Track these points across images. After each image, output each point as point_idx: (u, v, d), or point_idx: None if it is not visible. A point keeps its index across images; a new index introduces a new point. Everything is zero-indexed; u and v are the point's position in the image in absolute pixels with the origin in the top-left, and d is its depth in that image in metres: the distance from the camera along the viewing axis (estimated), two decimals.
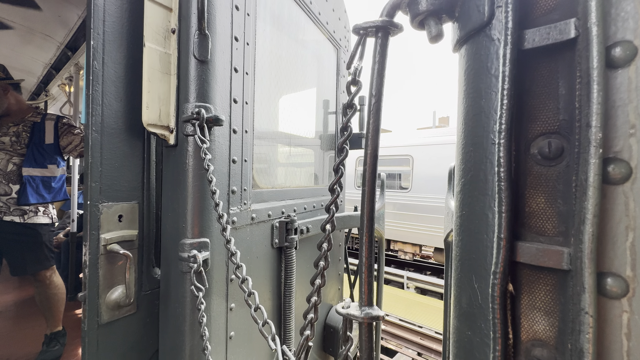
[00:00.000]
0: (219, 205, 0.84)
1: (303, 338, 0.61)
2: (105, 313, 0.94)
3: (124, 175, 0.99)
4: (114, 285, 0.97)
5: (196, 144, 0.97)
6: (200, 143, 0.90)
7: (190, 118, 0.95)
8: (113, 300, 0.95)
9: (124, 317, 1.00)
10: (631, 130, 0.37)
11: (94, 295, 0.92)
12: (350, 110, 0.57)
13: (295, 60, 1.64)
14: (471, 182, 0.48)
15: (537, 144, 0.44)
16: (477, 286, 0.47)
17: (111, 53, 0.95)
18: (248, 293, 0.75)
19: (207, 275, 1.00)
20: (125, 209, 1.00)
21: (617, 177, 0.38)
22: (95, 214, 0.92)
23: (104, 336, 0.94)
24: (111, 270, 0.96)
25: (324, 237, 0.59)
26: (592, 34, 0.37)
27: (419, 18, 0.51)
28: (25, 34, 3.18)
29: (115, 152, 0.97)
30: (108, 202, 0.95)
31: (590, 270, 0.37)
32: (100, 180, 0.93)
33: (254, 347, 1.26)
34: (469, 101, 0.49)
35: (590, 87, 0.38)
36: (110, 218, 0.95)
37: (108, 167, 0.95)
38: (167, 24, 1.00)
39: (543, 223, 0.44)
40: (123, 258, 0.97)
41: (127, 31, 0.99)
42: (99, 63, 0.92)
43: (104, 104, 0.93)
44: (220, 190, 1.04)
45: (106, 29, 0.94)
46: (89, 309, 0.91)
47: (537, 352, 0.44)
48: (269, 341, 0.67)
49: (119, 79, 0.98)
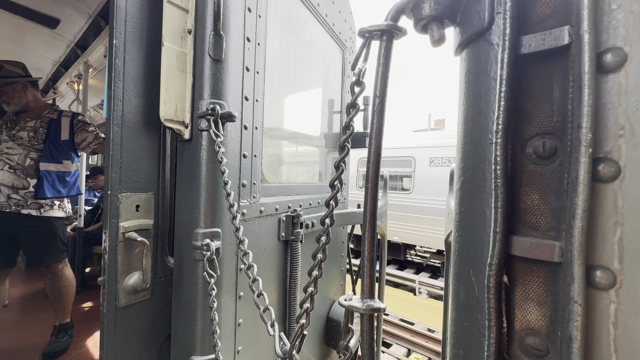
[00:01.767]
0: (231, 195, 0.89)
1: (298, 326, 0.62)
2: (122, 297, 1.00)
3: (141, 168, 1.05)
4: (131, 271, 1.02)
5: (210, 139, 1.02)
6: (214, 137, 0.96)
7: (205, 114, 1.00)
8: (130, 285, 1.01)
9: (140, 302, 1.05)
10: (620, 131, 0.40)
11: (112, 280, 0.98)
12: (353, 109, 0.58)
13: (303, 60, 1.70)
14: (470, 179, 0.50)
15: (533, 144, 0.46)
16: (474, 279, 0.50)
17: (132, 52, 1.01)
18: (252, 279, 0.79)
19: (219, 264, 1.05)
20: (142, 200, 1.05)
21: (607, 176, 0.40)
22: (115, 203, 0.98)
23: (121, 319, 1.00)
24: (129, 257, 1.02)
25: (323, 230, 0.60)
26: (584, 41, 0.40)
27: (422, 22, 0.53)
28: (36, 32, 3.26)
29: (134, 146, 1.02)
30: (127, 193, 1.01)
31: (580, 262, 0.40)
32: (120, 172, 0.99)
33: (261, 336, 1.31)
34: (469, 103, 0.51)
35: (581, 91, 0.40)
36: (128, 207, 1.01)
37: (127, 160, 1.01)
38: (184, 25, 1.05)
39: (537, 218, 0.46)
40: (140, 245, 1.02)
41: (147, 31, 1.05)
42: (121, 61, 0.98)
43: (124, 99, 0.99)
44: (231, 183, 1.09)
45: (127, 29, 1.00)
46: (108, 292, 0.96)
47: (529, 341, 0.46)
48: (268, 327, 0.70)
49: (139, 76, 1.03)
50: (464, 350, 0.52)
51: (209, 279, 0.93)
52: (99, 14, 2.98)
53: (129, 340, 1.03)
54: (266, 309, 0.74)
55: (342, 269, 2.21)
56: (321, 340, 1.92)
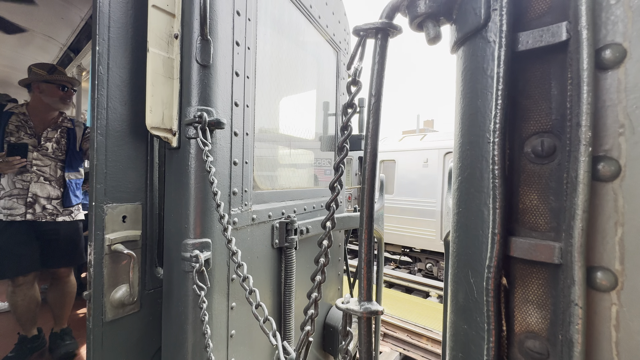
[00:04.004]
0: (221, 206, 0.87)
1: (304, 333, 0.62)
2: (109, 311, 0.97)
3: (128, 177, 1.02)
4: (118, 284, 0.99)
5: (198, 147, 0.99)
6: (202, 146, 0.93)
7: (192, 121, 0.97)
8: (117, 299, 0.98)
9: (128, 315, 1.02)
10: (620, 129, 0.39)
11: (98, 294, 0.95)
12: (351, 109, 0.58)
13: (296, 63, 1.67)
14: (468, 179, 0.50)
15: (531, 143, 0.45)
16: (473, 281, 0.49)
17: (116, 58, 0.98)
18: (249, 291, 0.77)
19: (209, 274, 1.02)
20: (129, 210, 1.02)
21: (606, 175, 0.39)
22: (100, 214, 0.95)
23: (109, 333, 0.97)
24: (115, 270, 0.99)
25: (325, 234, 0.60)
26: (582, 37, 0.39)
27: (417, 20, 0.52)
28: (27, 34, 3.21)
29: (120, 155, 0.99)
30: (112, 203, 0.98)
31: (580, 264, 0.39)
32: (105, 182, 0.96)
33: (254, 346, 1.28)
34: (466, 101, 0.50)
35: (580, 88, 0.39)
36: (114, 219, 0.98)
37: (113, 169, 0.98)
38: (170, 30, 1.02)
39: (536, 219, 0.45)
40: (127, 258, 0.99)
41: (132, 37, 1.02)
42: (104, 68, 0.95)
43: (108, 107, 0.96)
44: (221, 191, 1.07)
45: (111, 34, 0.97)
46: (94, 307, 0.93)
47: (529, 344, 0.46)
48: (270, 337, 0.69)
49: (124, 83, 1.00)
50: (463, 353, 0.51)
51: (199, 292, 0.90)
52: (91, 17, 2.94)
53: (117, 356, 1.00)
54: (266, 320, 0.72)
55: (339, 273, 2.18)
56: (318, 346, 1.90)
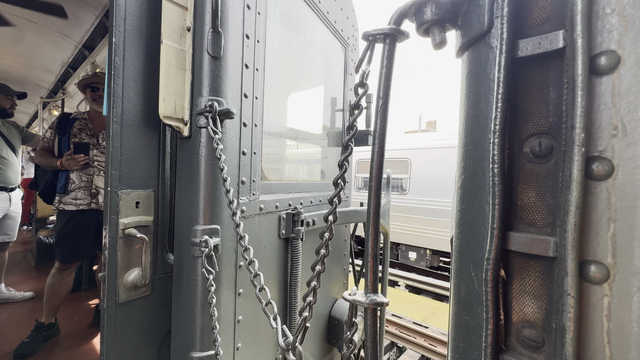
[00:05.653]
0: (230, 191, 0.89)
1: (301, 318, 0.64)
2: (122, 293, 1.01)
3: (141, 165, 1.06)
4: (131, 267, 1.03)
5: (208, 136, 1.02)
6: (212, 134, 0.96)
7: (203, 111, 1.00)
8: (130, 281, 1.02)
9: (140, 298, 1.06)
10: (614, 131, 0.41)
11: (112, 276, 0.99)
12: (357, 110, 0.60)
13: (304, 58, 1.69)
14: (470, 178, 0.52)
15: (530, 143, 0.48)
16: (474, 275, 0.51)
17: (131, 50, 1.02)
18: (254, 274, 0.79)
19: (217, 260, 1.05)
20: (142, 196, 1.06)
21: (600, 174, 0.42)
22: (115, 199, 0.99)
23: (121, 314, 1.01)
24: (129, 253, 1.03)
25: (326, 227, 0.62)
26: (577, 45, 0.41)
27: (424, 26, 0.55)
28: (43, 33, 3.31)
29: (134, 143, 1.03)
30: (126, 189, 1.02)
31: (573, 257, 0.41)
32: (119, 169, 1.00)
33: (260, 333, 1.31)
34: (469, 104, 0.53)
35: (575, 93, 0.42)
36: (128, 204, 1.02)
37: (127, 157, 1.02)
38: (183, 22, 1.06)
39: (533, 215, 0.48)
40: (140, 242, 1.03)
41: (146, 29, 1.06)
42: (120, 59, 0.99)
43: (124, 97, 1.00)
44: (230, 180, 1.10)
45: (127, 27, 1.00)
46: (108, 288, 0.97)
47: (526, 333, 0.48)
48: (271, 320, 0.71)
49: (138, 74, 1.04)
50: (464, 342, 0.53)
51: (208, 275, 0.94)
52: (105, 15, 3.02)
53: (129, 336, 1.04)
54: (268, 303, 0.74)
55: (344, 268, 2.20)
56: (323, 338, 1.92)
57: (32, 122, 7.24)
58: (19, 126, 3.26)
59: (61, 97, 5.04)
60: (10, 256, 3.62)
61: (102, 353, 0.98)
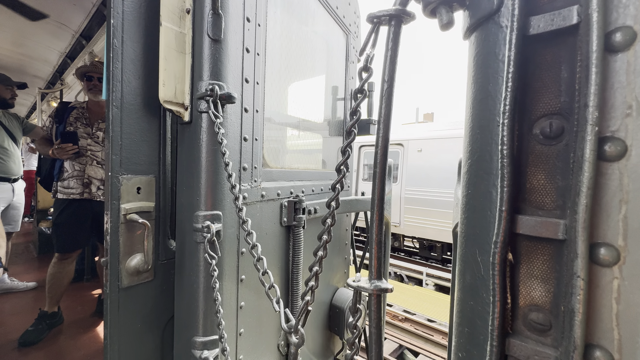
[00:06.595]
0: (232, 176, 0.89)
1: (303, 302, 0.65)
2: (125, 278, 1.01)
3: (142, 150, 1.05)
4: (133, 252, 1.03)
5: (209, 121, 1.01)
6: (214, 118, 0.95)
7: (204, 95, 0.99)
8: (132, 267, 1.02)
9: (143, 284, 1.06)
10: (628, 110, 0.40)
11: (115, 261, 0.99)
12: (361, 95, 0.59)
13: (305, 44, 1.66)
14: (477, 162, 0.51)
15: (540, 125, 0.47)
16: (480, 259, 0.51)
17: (130, 32, 1.00)
18: (257, 258, 0.79)
19: (220, 247, 1.05)
20: (143, 182, 1.05)
21: (613, 155, 0.41)
22: (116, 184, 0.98)
23: (124, 299, 1.01)
24: (131, 239, 1.02)
25: (329, 213, 0.62)
26: (592, 20, 0.40)
27: (431, 6, 0.53)
28: (41, 22, 3.26)
29: (134, 127, 1.02)
30: (127, 175, 1.01)
31: (583, 238, 0.41)
32: (120, 154, 0.99)
33: (263, 319, 1.32)
34: (477, 86, 0.52)
35: (589, 70, 0.40)
36: (129, 189, 1.01)
37: (127, 141, 1.00)
38: (182, 4, 1.03)
39: (543, 198, 0.47)
40: (141, 227, 1.03)
41: (145, 11, 1.03)
42: (119, 41, 0.97)
43: (123, 80, 0.98)
44: (232, 165, 1.09)
45: (125, 8, 0.98)
46: (110, 273, 0.97)
47: (533, 316, 0.48)
48: (274, 303, 0.71)
49: (137, 57, 1.02)
50: (469, 327, 0.53)
51: (210, 261, 0.93)
52: (102, 3, 2.97)
53: (132, 321, 1.04)
54: (271, 287, 0.74)
55: (345, 257, 2.21)
56: (324, 326, 1.94)
57: (31, 114, 7.20)
58: (20, 117, 3.25)
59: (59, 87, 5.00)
60: (12, 247, 3.64)
61: (106, 337, 0.98)
